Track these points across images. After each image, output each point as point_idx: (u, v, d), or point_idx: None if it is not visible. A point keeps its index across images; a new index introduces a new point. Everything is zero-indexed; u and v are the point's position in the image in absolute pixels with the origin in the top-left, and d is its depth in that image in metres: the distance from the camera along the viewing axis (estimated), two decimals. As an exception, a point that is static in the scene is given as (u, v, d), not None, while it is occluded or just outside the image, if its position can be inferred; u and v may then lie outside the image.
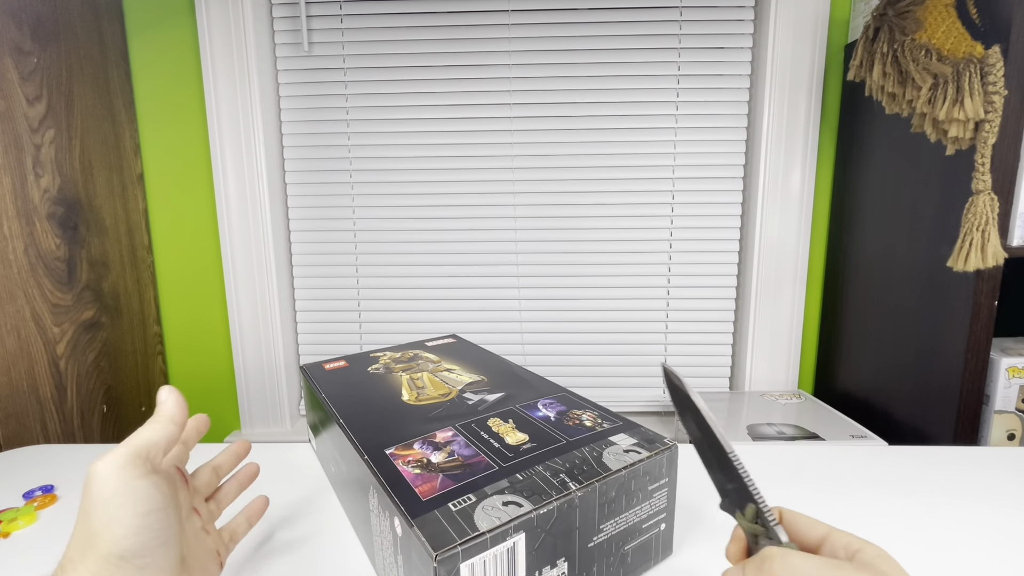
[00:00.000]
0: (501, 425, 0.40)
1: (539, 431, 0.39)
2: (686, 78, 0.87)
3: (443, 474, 0.33)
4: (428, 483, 0.32)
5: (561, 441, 0.37)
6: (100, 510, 0.25)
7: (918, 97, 0.60)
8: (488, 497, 0.30)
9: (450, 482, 0.32)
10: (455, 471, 0.33)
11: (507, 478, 0.32)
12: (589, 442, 0.37)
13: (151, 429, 0.28)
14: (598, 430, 0.39)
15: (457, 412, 0.42)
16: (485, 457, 0.35)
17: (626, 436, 0.38)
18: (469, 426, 0.40)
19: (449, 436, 0.38)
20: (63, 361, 0.73)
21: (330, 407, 0.44)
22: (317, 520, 0.43)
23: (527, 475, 0.33)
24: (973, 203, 0.56)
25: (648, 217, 0.91)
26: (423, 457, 0.35)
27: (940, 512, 0.43)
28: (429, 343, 0.61)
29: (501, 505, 0.30)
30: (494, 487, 0.32)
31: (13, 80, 0.66)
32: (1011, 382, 0.61)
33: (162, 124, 0.90)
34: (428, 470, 0.34)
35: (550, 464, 0.34)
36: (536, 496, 0.30)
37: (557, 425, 0.40)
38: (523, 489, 0.31)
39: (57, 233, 0.72)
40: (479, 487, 0.32)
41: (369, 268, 0.95)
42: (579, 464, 0.34)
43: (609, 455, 0.35)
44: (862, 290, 0.80)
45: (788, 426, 0.72)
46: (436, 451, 0.36)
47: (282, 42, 0.89)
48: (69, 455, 0.55)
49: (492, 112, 0.89)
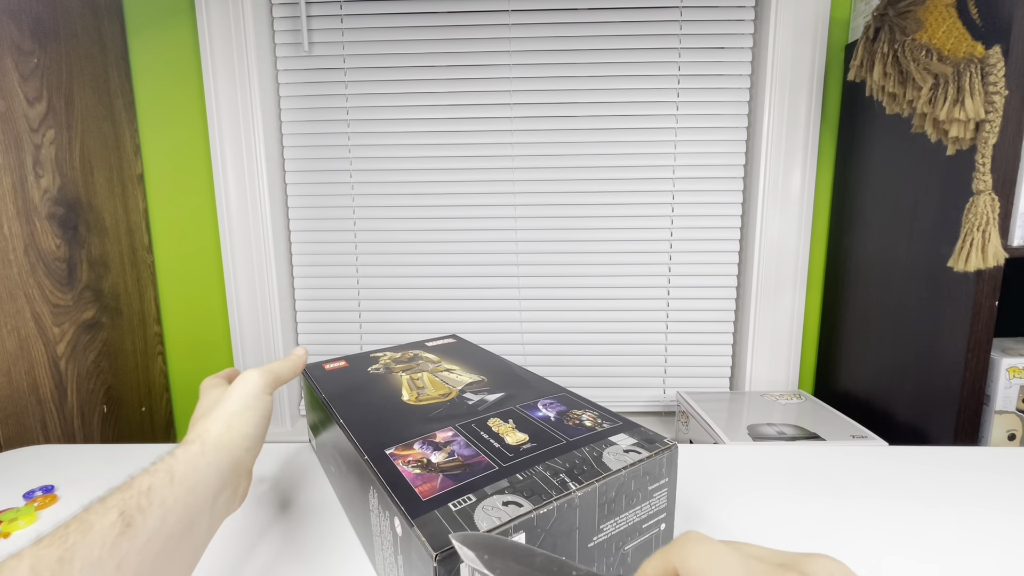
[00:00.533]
0: (501, 425, 0.40)
1: (539, 431, 0.39)
2: (686, 78, 0.87)
3: (443, 474, 0.33)
4: (428, 483, 0.32)
5: (561, 441, 0.37)
6: (241, 403, 0.35)
7: (919, 97, 0.60)
8: (488, 497, 0.30)
9: (450, 482, 0.32)
10: (455, 471, 0.33)
11: (507, 478, 0.32)
12: (589, 442, 0.37)
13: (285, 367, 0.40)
14: (598, 430, 0.39)
15: (457, 412, 0.42)
16: (485, 457, 0.35)
17: (626, 436, 0.38)
18: (469, 426, 0.40)
19: (449, 436, 0.38)
20: (63, 361, 0.73)
21: (330, 407, 0.44)
22: (317, 520, 0.43)
23: (527, 475, 0.33)
24: (974, 203, 0.56)
25: (648, 217, 0.91)
26: (423, 457, 0.35)
27: (940, 512, 0.43)
28: (429, 343, 0.61)
29: (501, 505, 0.30)
30: (494, 487, 0.32)
31: (13, 80, 0.66)
32: (1012, 382, 0.61)
33: (162, 124, 0.90)
34: (428, 470, 0.34)
35: (550, 464, 0.34)
36: (536, 496, 0.30)
37: (557, 425, 0.40)
38: (523, 489, 0.31)
39: (57, 233, 0.72)
40: (479, 487, 0.32)
41: (369, 268, 0.95)
42: (579, 464, 0.34)
43: (609, 455, 0.35)
44: (862, 290, 0.80)
45: (788, 426, 0.72)
46: (436, 451, 0.36)
47: (282, 42, 0.89)
48: (69, 455, 0.55)
49: (492, 112, 0.89)
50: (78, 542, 0.23)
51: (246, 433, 0.34)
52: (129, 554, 0.24)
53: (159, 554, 0.26)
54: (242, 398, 0.35)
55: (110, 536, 0.24)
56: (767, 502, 0.45)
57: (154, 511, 0.26)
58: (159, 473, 0.28)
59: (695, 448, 0.54)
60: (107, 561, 0.23)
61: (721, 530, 0.41)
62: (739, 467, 0.50)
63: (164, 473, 0.28)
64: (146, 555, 0.25)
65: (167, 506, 0.27)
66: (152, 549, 0.25)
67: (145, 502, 0.26)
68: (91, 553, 0.23)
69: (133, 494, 0.26)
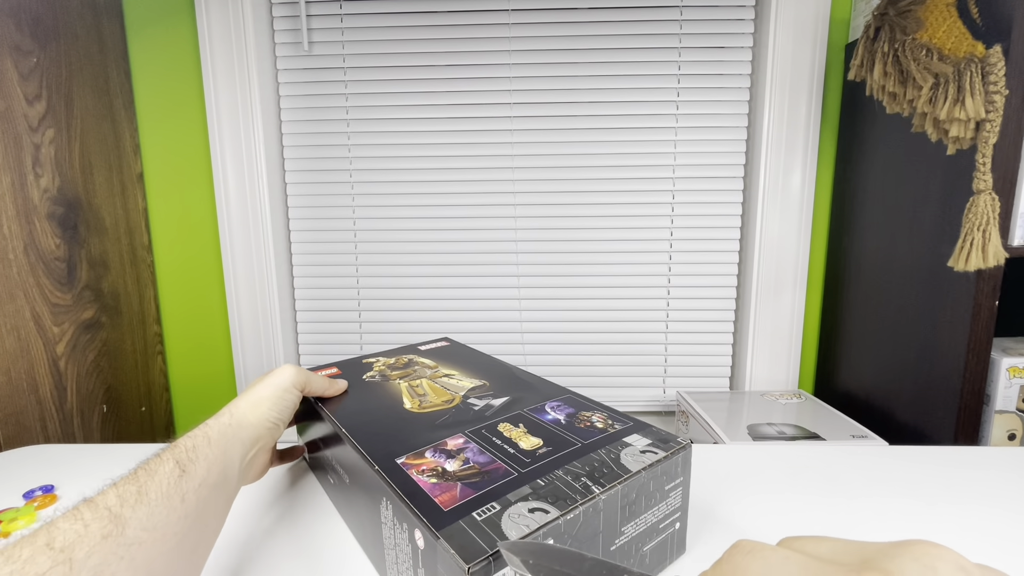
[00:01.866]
0: (512, 430, 0.39)
1: (552, 435, 0.38)
2: (686, 78, 0.87)
3: (461, 482, 0.32)
4: (447, 492, 0.31)
5: (576, 444, 0.36)
6: (271, 390, 0.41)
7: (919, 97, 0.60)
8: (513, 504, 0.30)
9: (470, 491, 0.31)
10: (473, 479, 0.32)
11: (528, 484, 0.32)
12: (604, 444, 0.36)
13: (320, 380, 0.45)
14: (610, 431, 0.38)
15: (464, 419, 0.41)
16: (502, 463, 0.34)
17: (640, 437, 0.37)
18: (479, 432, 0.39)
19: (461, 443, 0.37)
20: (63, 361, 0.73)
21: (330, 417, 0.42)
22: (319, 530, 0.43)
23: (548, 480, 0.32)
24: (974, 203, 0.56)
25: (648, 217, 0.91)
26: (437, 466, 0.34)
27: (941, 512, 0.43)
28: (422, 347, 0.60)
29: (527, 512, 0.29)
30: (517, 494, 0.31)
31: (12, 79, 0.66)
32: (1012, 382, 0.61)
33: (162, 123, 0.90)
34: (445, 479, 0.33)
35: (570, 468, 0.33)
36: (561, 501, 0.30)
37: (569, 428, 0.39)
38: (547, 495, 0.31)
39: (57, 233, 0.72)
40: (501, 494, 0.31)
41: (369, 267, 0.95)
42: (599, 467, 0.33)
43: (627, 456, 0.35)
44: (863, 290, 0.80)
45: (788, 426, 0.72)
46: (450, 459, 0.35)
47: (282, 41, 0.89)
48: (69, 455, 0.55)
49: (492, 112, 0.89)
50: (148, 480, 0.29)
51: (270, 416, 0.40)
52: (188, 492, 0.31)
53: (208, 496, 0.32)
54: (272, 386, 0.41)
55: (172, 477, 0.30)
56: (767, 502, 0.45)
57: (200, 463, 0.33)
58: (198, 437, 0.34)
59: (695, 448, 0.54)
60: (174, 495, 0.30)
61: (734, 527, 0.41)
62: (739, 467, 0.50)
63: (202, 437, 0.34)
64: (200, 496, 0.31)
65: (209, 460, 0.33)
66: (203, 492, 0.32)
67: (193, 455, 0.33)
68: (160, 487, 0.29)
69: (182, 450, 0.33)
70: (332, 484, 0.44)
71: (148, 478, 0.29)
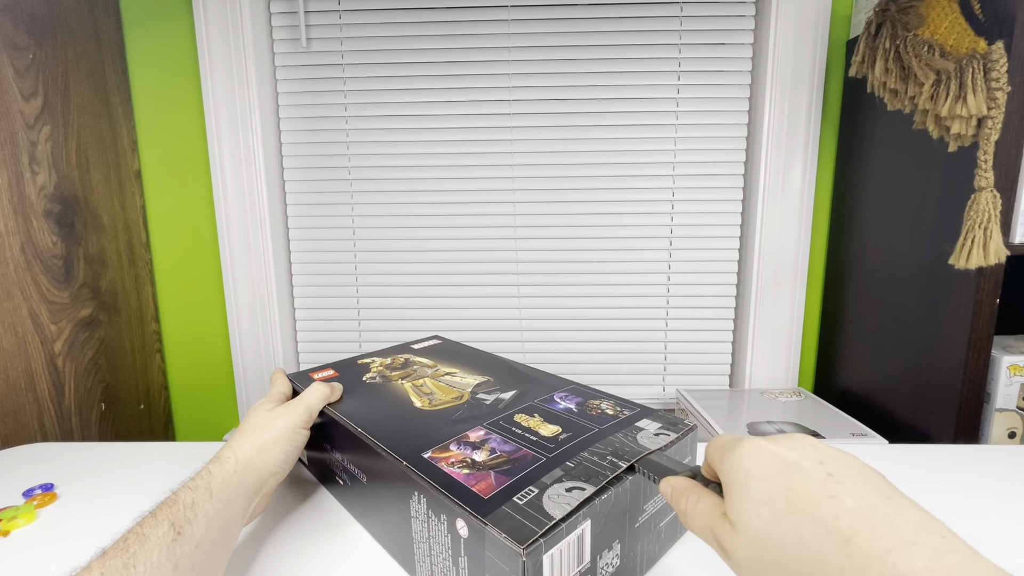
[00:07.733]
0: (529, 420, 0.40)
1: (568, 422, 0.39)
2: (687, 75, 0.86)
3: (494, 471, 0.33)
4: (483, 481, 0.32)
5: (593, 429, 0.38)
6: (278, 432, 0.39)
7: (920, 93, 0.59)
8: (550, 486, 0.31)
9: (504, 478, 0.32)
10: (504, 467, 0.33)
11: (559, 467, 0.33)
12: (619, 428, 0.38)
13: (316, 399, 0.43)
14: (621, 417, 0.40)
15: (478, 413, 0.42)
16: (528, 451, 0.35)
17: (650, 421, 0.39)
18: (498, 424, 0.40)
19: (482, 435, 0.38)
20: (61, 359, 0.73)
21: (343, 420, 0.42)
22: (331, 527, 0.43)
23: (576, 462, 0.34)
24: (975, 200, 0.55)
25: (648, 214, 0.91)
26: (466, 457, 0.35)
27: (940, 510, 0.43)
28: (415, 345, 0.60)
29: (565, 492, 0.30)
30: (551, 476, 0.32)
31: (8, 76, 0.65)
32: (1012, 380, 0.61)
33: (159, 120, 0.89)
34: (476, 469, 0.33)
35: (594, 450, 0.35)
36: (595, 478, 0.31)
37: (582, 415, 0.41)
38: (579, 475, 0.32)
39: (54, 230, 0.72)
40: (536, 478, 0.32)
41: (368, 265, 0.94)
42: (619, 448, 0.35)
43: (643, 438, 0.36)
44: (863, 287, 0.80)
45: (788, 424, 0.71)
46: (476, 450, 0.36)
47: (280, 38, 0.88)
48: (68, 453, 0.55)
49: (492, 109, 0.88)
50: (138, 550, 0.27)
51: (277, 459, 0.38)
52: (183, 557, 0.29)
53: (205, 558, 0.30)
54: (282, 428, 0.39)
55: (165, 543, 0.28)
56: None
57: (199, 521, 0.31)
58: (199, 489, 0.32)
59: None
60: (165, 564, 0.28)
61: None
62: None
63: (204, 489, 0.33)
64: (196, 558, 0.30)
65: (209, 517, 0.31)
66: (200, 554, 0.30)
67: (191, 514, 0.30)
68: (151, 557, 0.27)
69: (180, 508, 0.31)
70: (343, 485, 0.44)
71: (139, 547, 0.28)
